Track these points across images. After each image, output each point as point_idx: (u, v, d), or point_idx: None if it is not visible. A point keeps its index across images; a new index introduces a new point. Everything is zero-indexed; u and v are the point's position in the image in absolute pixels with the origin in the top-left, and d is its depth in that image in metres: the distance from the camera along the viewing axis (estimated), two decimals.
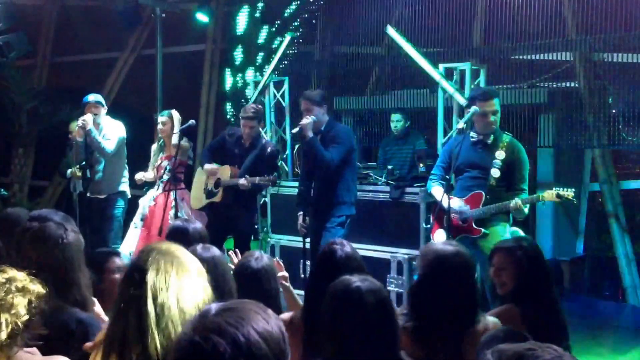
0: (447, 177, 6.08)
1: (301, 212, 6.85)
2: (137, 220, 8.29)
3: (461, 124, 6.10)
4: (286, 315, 3.93)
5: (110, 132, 8.17)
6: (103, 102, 8.33)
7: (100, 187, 8.16)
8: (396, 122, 8.97)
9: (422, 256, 3.71)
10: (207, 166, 7.70)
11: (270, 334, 1.82)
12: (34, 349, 2.78)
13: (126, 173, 8.41)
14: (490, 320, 3.61)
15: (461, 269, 3.58)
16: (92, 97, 8.18)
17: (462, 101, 7.47)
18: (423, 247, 3.93)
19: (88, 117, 7.83)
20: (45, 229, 3.41)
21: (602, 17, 8.03)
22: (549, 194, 5.89)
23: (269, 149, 7.52)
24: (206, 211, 7.85)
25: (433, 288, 3.56)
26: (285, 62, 10.08)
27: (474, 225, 6.09)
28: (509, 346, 1.89)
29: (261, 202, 9.57)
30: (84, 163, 7.85)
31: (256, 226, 8.47)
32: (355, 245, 3.96)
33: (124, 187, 8.36)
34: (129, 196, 8.42)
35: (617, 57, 8.05)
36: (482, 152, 6.13)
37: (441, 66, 8.05)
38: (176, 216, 7.39)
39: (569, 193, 5.82)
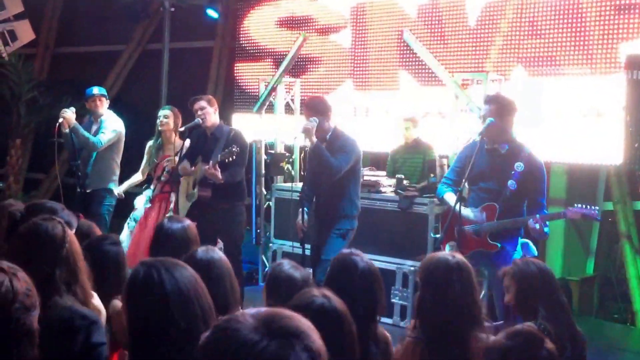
0: (460, 187, 5.80)
1: (302, 210, 6.69)
2: (130, 220, 8.00)
3: (476, 136, 5.94)
4: None
5: (108, 126, 8.02)
6: (107, 94, 8.22)
7: (87, 182, 7.95)
8: (405, 129, 8.64)
9: (421, 266, 3.76)
10: (182, 165, 7.27)
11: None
12: None
13: (117, 171, 8.21)
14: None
15: (457, 276, 3.58)
16: (96, 90, 8.07)
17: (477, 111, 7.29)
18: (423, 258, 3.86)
19: (67, 114, 7.68)
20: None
21: None
22: (573, 213, 5.73)
23: (232, 133, 7.19)
24: (193, 215, 7.24)
25: (432, 296, 3.59)
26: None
27: (489, 240, 5.84)
28: None
29: (265, 206, 9.53)
30: (78, 162, 7.77)
31: (248, 227, 8.35)
32: None
33: (113, 184, 8.14)
34: (117, 195, 8.18)
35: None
36: (499, 163, 5.87)
37: (458, 76, 7.96)
38: None
39: (593, 213, 5.65)
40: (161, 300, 2.46)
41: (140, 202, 8.02)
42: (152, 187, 8.02)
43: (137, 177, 8.28)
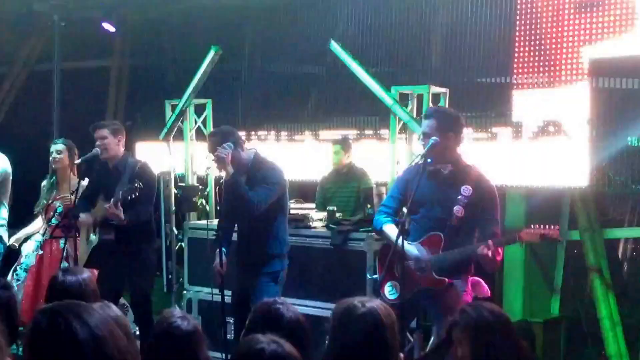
0: (399, 216, 5.38)
1: (220, 251, 6.17)
2: (19, 269, 7.53)
3: (418, 159, 5.44)
4: None
5: None
6: None
7: None
8: (334, 154, 8.30)
9: (332, 314, 3.51)
10: (82, 217, 6.73)
11: None
12: None
13: (6, 215, 7.66)
14: None
15: (368, 325, 3.30)
16: None
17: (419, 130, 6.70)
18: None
19: None
20: None
21: None
22: (529, 234, 5.25)
23: (137, 166, 6.82)
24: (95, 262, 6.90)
25: (341, 348, 3.37)
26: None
27: (435, 275, 5.25)
28: None
29: (177, 248, 9.09)
30: None
31: (158, 273, 8.17)
32: (290, 300, 4.01)
33: (1, 231, 7.59)
34: (7, 242, 7.62)
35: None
36: (443, 187, 5.36)
37: (394, 90, 7.36)
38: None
39: (553, 232, 5.23)
40: (74, 350, 2.28)
41: (29, 249, 7.59)
42: (41, 231, 7.55)
43: (37, 225, 7.74)
